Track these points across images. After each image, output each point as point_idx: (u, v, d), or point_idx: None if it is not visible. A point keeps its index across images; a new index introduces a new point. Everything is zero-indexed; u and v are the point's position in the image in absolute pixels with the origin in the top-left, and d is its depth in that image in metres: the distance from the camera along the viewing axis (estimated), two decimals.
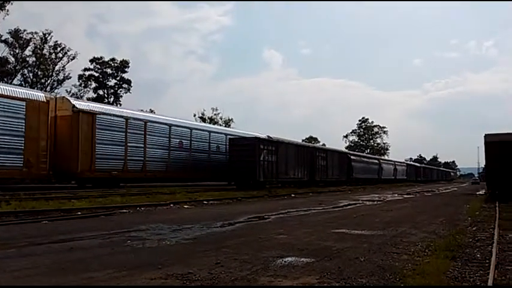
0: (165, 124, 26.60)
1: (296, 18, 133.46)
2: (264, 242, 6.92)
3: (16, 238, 7.07)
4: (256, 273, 4.77)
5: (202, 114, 65.79)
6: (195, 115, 64.73)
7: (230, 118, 68.25)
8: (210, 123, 59.51)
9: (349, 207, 15.44)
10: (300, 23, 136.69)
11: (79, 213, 10.98)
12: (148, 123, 24.98)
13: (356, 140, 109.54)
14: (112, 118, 22.50)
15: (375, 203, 18.20)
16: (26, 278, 4.45)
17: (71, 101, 21.73)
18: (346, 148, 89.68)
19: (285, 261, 5.39)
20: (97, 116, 21.43)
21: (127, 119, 23.40)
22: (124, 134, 22.97)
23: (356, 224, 9.87)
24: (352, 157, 44.91)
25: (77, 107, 20.75)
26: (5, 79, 48.79)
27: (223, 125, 63.66)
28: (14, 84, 45.61)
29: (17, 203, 11.78)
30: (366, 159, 51.38)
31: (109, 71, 59.10)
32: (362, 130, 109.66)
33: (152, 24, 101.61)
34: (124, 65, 59.74)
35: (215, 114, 66.89)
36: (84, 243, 6.73)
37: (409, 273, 4.91)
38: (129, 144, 23.16)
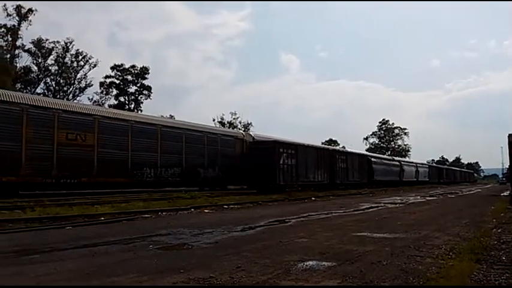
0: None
1: (312, 22, 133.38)
2: (285, 246, 6.91)
3: (41, 244, 7.20)
4: (278, 277, 4.76)
5: (222, 118, 66.21)
6: (214, 120, 65.18)
7: (249, 122, 68.48)
8: (229, 127, 59.76)
9: (370, 210, 15.28)
10: (316, 26, 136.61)
11: (102, 218, 11.14)
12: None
13: (376, 142, 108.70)
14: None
15: (397, 205, 17.97)
16: (51, 283, 4.53)
17: None
18: (367, 150, 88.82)
19: (306, 265, 5.37)
20: None
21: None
22: None
23: (378, 227, 9.76)
24: (372, 159, 44.49)
25: None
26: (28, 88, 50.05)
27: (242, 129, 63.91)
28: (37, 93, 46.86)
29: (41, 209, 12.04)
30: (386, 161, 50.82)
31: (129, 77, 60.14)
32: (382, 132, 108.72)
33: (171, 31, 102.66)
34: (144, 71, 60.70)
35: (234, 119, 67.23)
36: (107, 248, 6.82)
37: (433, 277, 4.84)
38: None
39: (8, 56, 48.01)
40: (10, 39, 47.63)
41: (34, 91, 49.41)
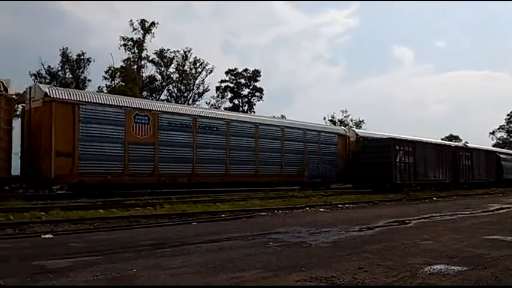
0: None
1: (427, 11, 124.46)
2: (408, 248, 6.63)
3: (170, 238, 7.81)
4: (403, 280, 4.59)
5: (332, 117, 65.60)
6: (324, 118, 64.83)
7: (361, 119, 66.84)
8: (340, 125, 58.93)
9: (501, 211, 13.96)
10: (431, 15, 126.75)
11: (223, 215, 11.73)
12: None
13: (505, 136, 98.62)
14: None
15: None
16: (183, 275, 4.86)
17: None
18: (494, 146, 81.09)
19: (433, 269, 5.09)
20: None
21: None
22: None
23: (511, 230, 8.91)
24: (501, 156, 40.52)
25: None
26: (154, 95, 54.67)
27: (354, 126, 62.53)
28: (161, 100, 51.00)
29: (169, 206, 13.06)
30: None
31: (242, 81, 62.45)
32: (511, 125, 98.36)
33: (280, 33, 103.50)
34: (256, 74, 62.66)
35: (345, 117, 66.18)
36: (230, 243, 7.16)
37: None
38: None
39: (135, 66, 53.00)
40: (137, 51, 52.53)
41: (159, 98, 53.86)
